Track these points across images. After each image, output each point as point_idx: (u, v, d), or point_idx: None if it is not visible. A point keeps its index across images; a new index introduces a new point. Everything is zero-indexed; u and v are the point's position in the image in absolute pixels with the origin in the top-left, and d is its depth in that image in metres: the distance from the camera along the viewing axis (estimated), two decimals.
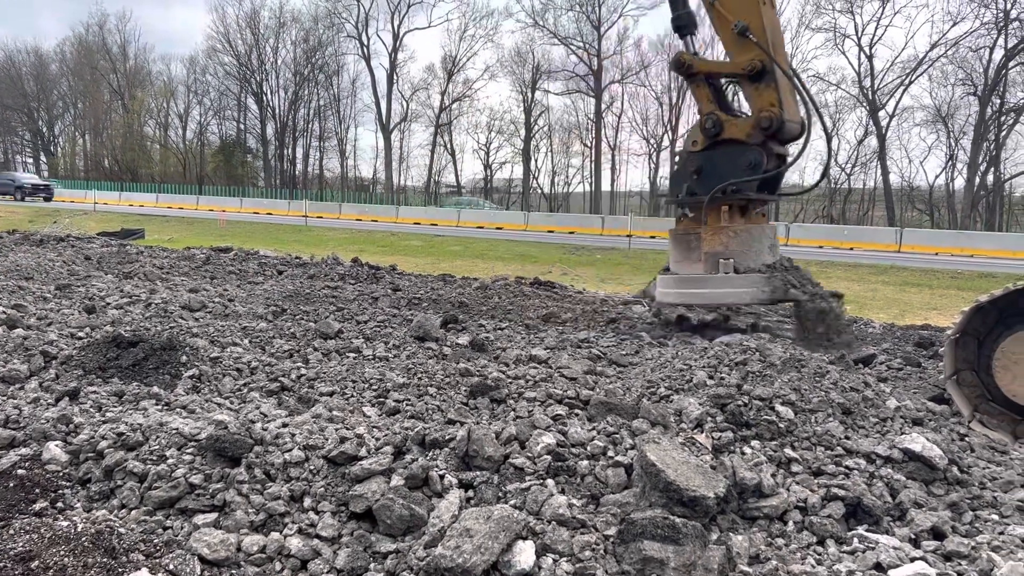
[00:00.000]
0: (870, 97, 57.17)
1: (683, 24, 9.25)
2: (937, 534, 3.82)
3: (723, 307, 8.61)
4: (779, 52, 8.61)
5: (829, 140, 12.11)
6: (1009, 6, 49.26)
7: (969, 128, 54.81)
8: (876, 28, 57.80)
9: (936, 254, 31.60)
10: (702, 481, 3.74)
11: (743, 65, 8.45)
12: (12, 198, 55.06)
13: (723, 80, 9.32)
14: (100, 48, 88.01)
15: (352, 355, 7.00)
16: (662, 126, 68.61)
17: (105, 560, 3.17)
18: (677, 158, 9.50)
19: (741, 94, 9.05)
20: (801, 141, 8.75)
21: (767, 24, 8.37)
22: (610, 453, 4.21)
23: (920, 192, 63.79)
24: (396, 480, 3.86)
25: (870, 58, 56.94)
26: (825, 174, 10.91)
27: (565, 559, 3.34)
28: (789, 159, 8.93)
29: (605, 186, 70.96)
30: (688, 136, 9.08)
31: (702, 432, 4.64)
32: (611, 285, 19.93)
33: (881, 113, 57.66)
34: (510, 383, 5.83)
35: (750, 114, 8.60)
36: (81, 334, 7.01)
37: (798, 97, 8.71)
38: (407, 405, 5.34)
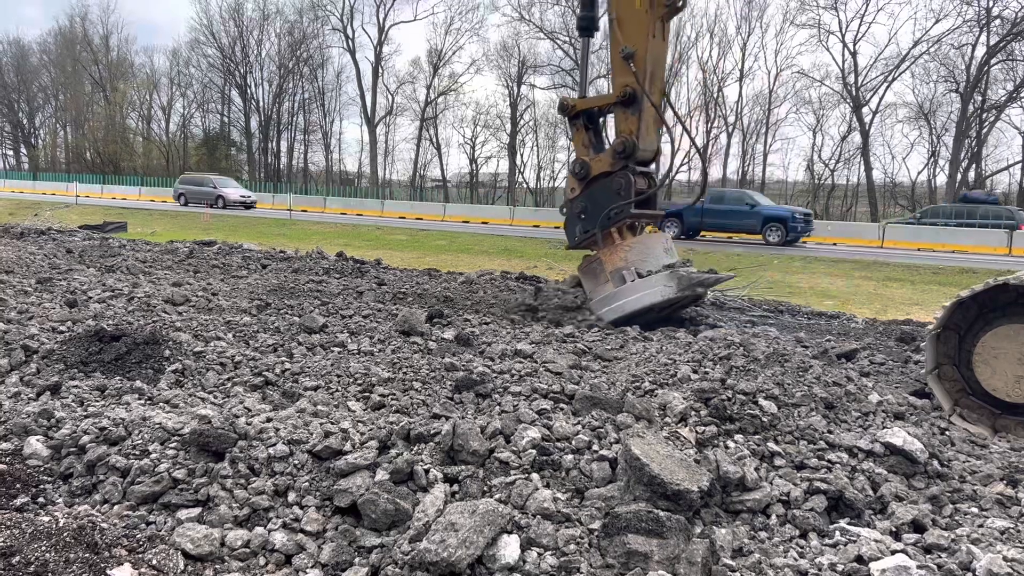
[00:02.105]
0: (854, 93, 57.52)
1: (586, 27, 9.75)
2: (918, 527, 3.87)
3: (643, 312, 9.06)
4: (656, 84, 9.22)
5: (704, 160, 13.02)
6: (991, 4, 49.69)
7: (951, 125, 55.33)
8: (860, 25, 58.34)
9: (918, 250, 31.86)
10: (686, 475, 3.76)
11: (618, 89, 9.14)
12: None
13: (601, 120, 10.10)
14: (82, 40, 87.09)
15: (337, 349, 6.98)
16: None
17: (87, 555, 3.15)
18: (564, 209, 10.22)
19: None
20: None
21: (651, 55, 8.97)
22: (595, 447, 4.22)
23: (903, 188, 64.30)
24: (381, 474, 3.85)
25: (854, 55, 57.31)
26: (703, 192, 11.38)
27: (550, 553, 3.35)
28: (658, 178, 9.81)
29: None
30: (566, 186, 9.85)
31: (686, 426, 4.66)
32: None
33: (864, 109, 58.07)
34: (495, 378, 5.83)
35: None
36: (63, 328, 6.95)
37: (680, 128, 10.07)
38: (392, 400, 5.33)
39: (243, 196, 49.27)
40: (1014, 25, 48.91)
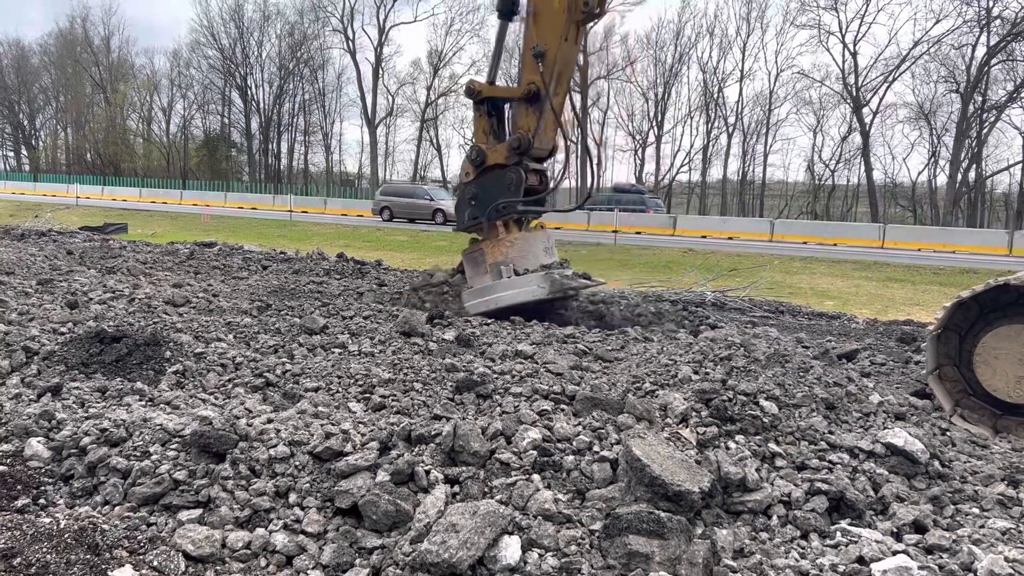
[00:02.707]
0: (854, 94, 57.51)
1: (506, 10, 9.85)
2: (919, 527, 3.86)
3: (514, 309, 9.29)
4: (561, 86, 9.42)
5: (596, 167, 13.07)
6: (991, 4, 49.69)
7: (951, 125, 55.31)
8: (860, 25, 58.17)
9: (919, 250, 31.86)
10: (687, 476, 3.76)
11: (524, 85, 9.29)
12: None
13: (507, 109, 10.22)
14: (82, 41, 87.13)
15: (337, 350, 6.98)
16: (648, 122, 68.75)
17: (88, 557, 3.15)
18: (457, 193, 10.50)
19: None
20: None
21: (561, 58, 9.13)
22: (596, 448, 4.22)
23: (903, 188, 64.29)
24: (382, 476, 3.85)
25: (854, 55, 57.32)
26: (589, 196, 11.60)
27: (551, 554, 3.35)
28: (551, 176, 10.07)
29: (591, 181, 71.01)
30: (461, 169, 10.04)
31: (687, 427, 4.66)
32: None
33: (865, 110, 58.06)
34: (496, 378, 5.83)
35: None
36: (63, 329, 6.95)
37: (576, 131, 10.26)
38: (393, 401, 5.33)
39: None
40: (1014, 25, 48.90)
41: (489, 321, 9.13)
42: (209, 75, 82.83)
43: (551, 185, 10.07)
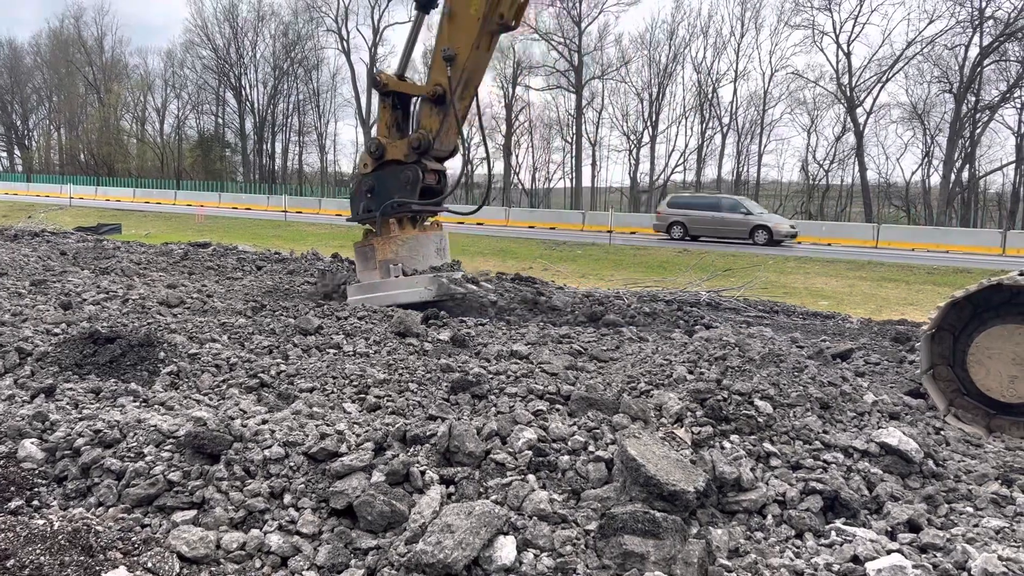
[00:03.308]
0: (848, 94, 57.63)
1: (426, 3, 9.88)
2: (913, 527, 3.88)
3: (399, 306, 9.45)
4: (468, 91, 9.49)
5: (490, 169, 13.23)
6: (984, 4, 49.81)
7: (945, 125, 55.40)
8: (854, 26, 58.24)
9: (913, 250, 31.94)
10: (682, 475, 3.76)
11: (430, 85, 9.35)
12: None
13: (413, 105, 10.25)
14: (75, 41, 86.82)
15: (332, 351, 6.97)
16: (642, 122, 68.81)
17: (82, 558, 3.14)
18: (353, 182, 10.66)
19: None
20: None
21: (471, 65, 9.19)
22: (591, 448, 4.22)
23: (897, 188, 64.42)
24: (377, 476, 3.85)
25: (848, 55, 57.41)
26: (486, 200, 11.54)
27: (546, 554, 3.35)
28: (450, 175, 10.24)
29: (586, 182, 71.02)
30: (360, 160, 10.06)
31: (682, 427, 4.66)
32: (592, 280, 20.00)
33: (859, 110, 58.17)
34: (491, 379, 5.83)
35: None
36: (57, 330, 6.92)
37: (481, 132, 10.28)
38: (388, 401, 5.33)
39: (791, 228, 33.33)
40: (1007, 26, 49.06)
41: (484, 321, 9.14)
42: (203, 75, 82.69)
43: (449, 186, 10.14)
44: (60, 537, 3.22)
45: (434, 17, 9.97)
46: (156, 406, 5.08)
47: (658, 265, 24.87)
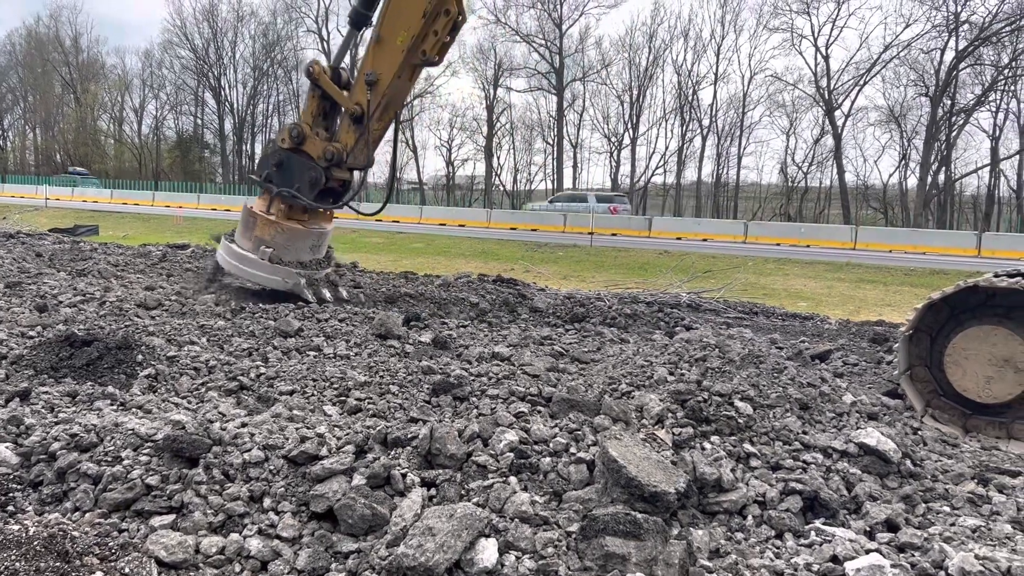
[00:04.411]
0: (826, 97, 58.08)
1: (357, 21, 10.13)
2: (891, 526, 3.91)
3: (257, 286, 9.97)
4: (388, 114, 9.86)
5: (392, 176, 13.49)
6: (959, 9, 50.43)
7: (921, 128, 55.97)
8: (832, 29, 58.76)
9: (890, 251, 32.24)
10: (663, 476, 3.77)
11: (351, 103, 9.67)
12: None
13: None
14: (52, 40, 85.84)
15: (312, 353, 6.94)
16: (623, 124, 69.00)
17: (58, 564, 3.09)
18: (271, 143, 10.85)
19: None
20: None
21: (391, 91, 9.55)
22: (572, 450, 4.23)
23: (874, 191, 65.03)
24: (358, 479, 3.83)
25: (826, 58, 57.83)
26: (384, 205, 11.60)
27: (528, 556, 3.35)
28: (353, 182, 10.50)
29: (567, 184, 71.05)
30: (281, 131, 10.25)
31: (663, 428, 4.68)
32: (573, 282, 20.03)
33: (837, 113, 58.64)
34: (473, 381, 5.82)
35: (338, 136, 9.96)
36: (32, 333, 6.84)
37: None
38: (369, 404, 5.31)
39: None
40: (982, 30, 49.69)
41: (466, 323, 9.13)
42: (182, 75, 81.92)
43: (351, 192, 10.43)
44: (35, 543, 3.18)
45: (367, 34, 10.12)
46: (134, 409, 5.03)
47: (639, 266, 24.96)
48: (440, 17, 9.08)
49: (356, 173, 10.28)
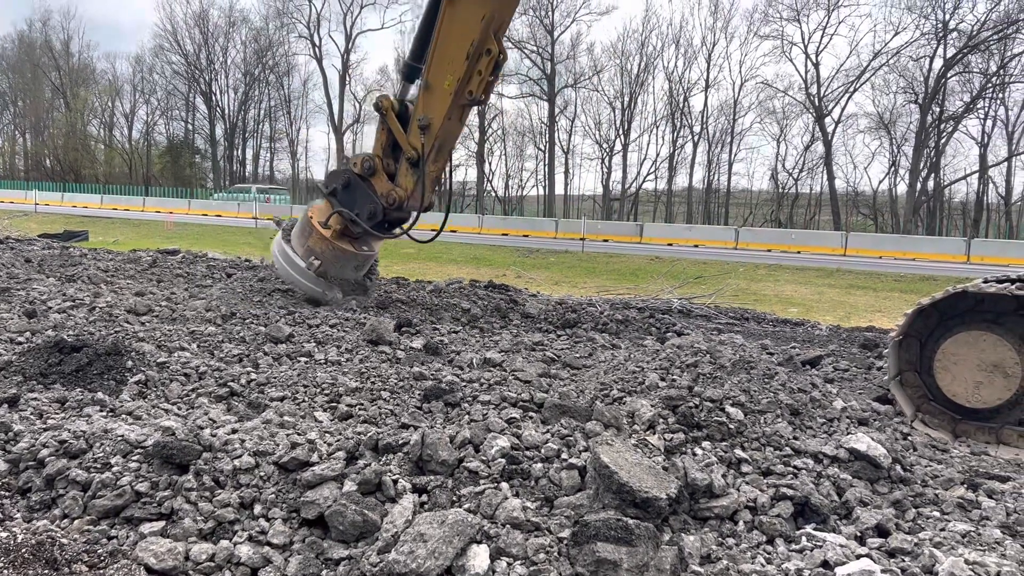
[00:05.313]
0: (816, 104, 58.41)
1: (409, 75, 10.51)
2: (882, 531, 3.92)
3: (297, 290, 10.65)
4: (442, 155, 10.25)
5: (447, 212, 13.90)
6: (948, 17, 50.83)
7: (911, 135, 56.35)
8: (822, 37, 59.19)
9: (880, 258, 32.43)
10: (654, 482, 3.77)
11: (409, 147, 10.06)
12: None
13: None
14: (42, 45, 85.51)
15: (303, 359, 6.92)
16: (614, 130, 69.19)
17: (46, 572, 3.08)
18: (346, 161, 11.32)
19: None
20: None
21: (442, 134, 9.93)
22: (564, 455, 4.22)
23: (864, 197, 65.39)
24: (349, 486, 3.82)
25: (816, 66, 58.18)
26: (438, 233, 11.67)
27: (519, 562, 3.34)
28: (408, 221, 10.80)
29: (559, 190, 71.19)
30: (356, 156, 10.66)
31: (654, 433, 4.68)
32: (565, 287, 20.04)
33: (827, 120, 58.98)
34: (464, 387, 5.82)
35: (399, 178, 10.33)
36: (21, 339, 6.80)
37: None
38: (360, 410, 5.29)
39: None
40: (970, 38, 50.10)
41: (458, 329, 9.13)
42: (173, 81, 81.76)
43: (408, 224, 10.78)
44: (23, 550, 3.16)
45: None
46: (123, 416, 5.00)
47: (631, 272, 25.01)
48: (482, 57, 9.45)
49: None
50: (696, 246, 35.79)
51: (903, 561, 3.55)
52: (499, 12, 9.38)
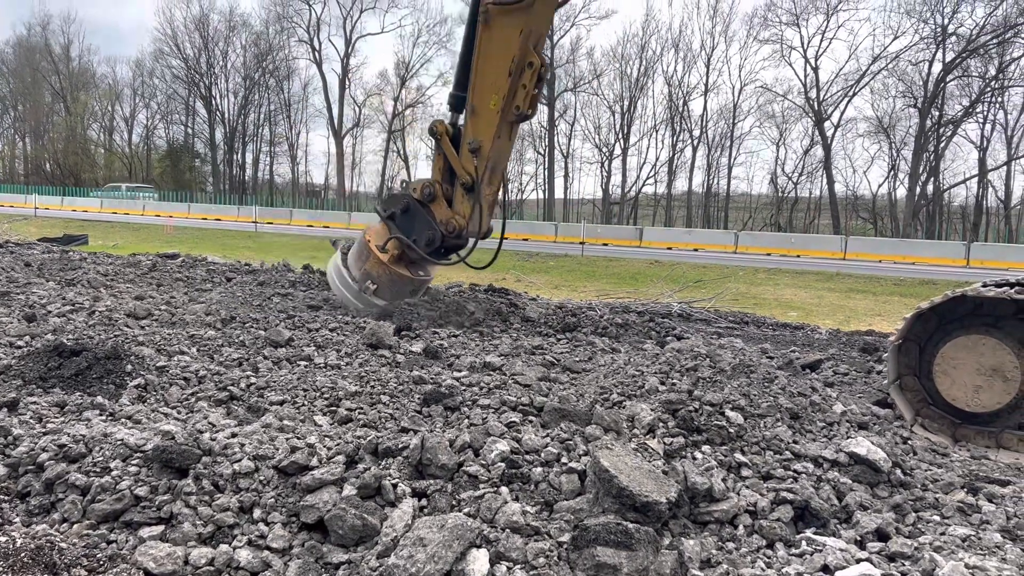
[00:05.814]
0: (816, 108, 58.43)
1: (457, 105, 10.52)
2: (881, 535, 3.92)
3: (353, 307, 10.60)
4: (495, 176, 10.28)
5: (502, 235, 13.90)
6: (946, 22, 50.89)
7: (910, 139, 56.33)
8: (821, 41, 59.30)
9: (880, 262, 32.44)
10: (654, 486, 3.77)
11: (464, 174, 10.07)
12: None
13: None
14: (42, 49, 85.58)
15: (303, 363, 6.91)
16: (614, 134, 69.20)
17: None
18: (404, 185, 11.29)
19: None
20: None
21: (494, 154, 9.96)
22: (564, 459, 4.22)
23: (864, 201, 65.38)
24: (348, 490, 3.81)
25: (815, 70, 58.21)
26: (494, 259, 11.60)
27: (519, 567, 3.34)
28: (463, 249, 10.82)
29: (558, 193, 71.15)
30: (416, 181, 10.71)
31: (654, 437, 4.68)
32: (564, 291, 20.04)
33: (826, 124, 58.99)
34: (464, 390, 5.81)
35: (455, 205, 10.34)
36: (20, 343, 6.80)
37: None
38: (359, 414, 5.29)
39: None
40: (969, 42, 50.14)
41: (457, 333, 9.13)
42: (173, 85, 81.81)
43: (465, 252, 10.75)
44: (23, 554, 3.15)
45: None
46: (123, 420, 5.00)
47: (630, 276, 25.01)
48: (525, 71, 9.49)
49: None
50: (696, 250, 35.80)
51: (903, 565, 3.55)
52: (536, 26, 9.41)
